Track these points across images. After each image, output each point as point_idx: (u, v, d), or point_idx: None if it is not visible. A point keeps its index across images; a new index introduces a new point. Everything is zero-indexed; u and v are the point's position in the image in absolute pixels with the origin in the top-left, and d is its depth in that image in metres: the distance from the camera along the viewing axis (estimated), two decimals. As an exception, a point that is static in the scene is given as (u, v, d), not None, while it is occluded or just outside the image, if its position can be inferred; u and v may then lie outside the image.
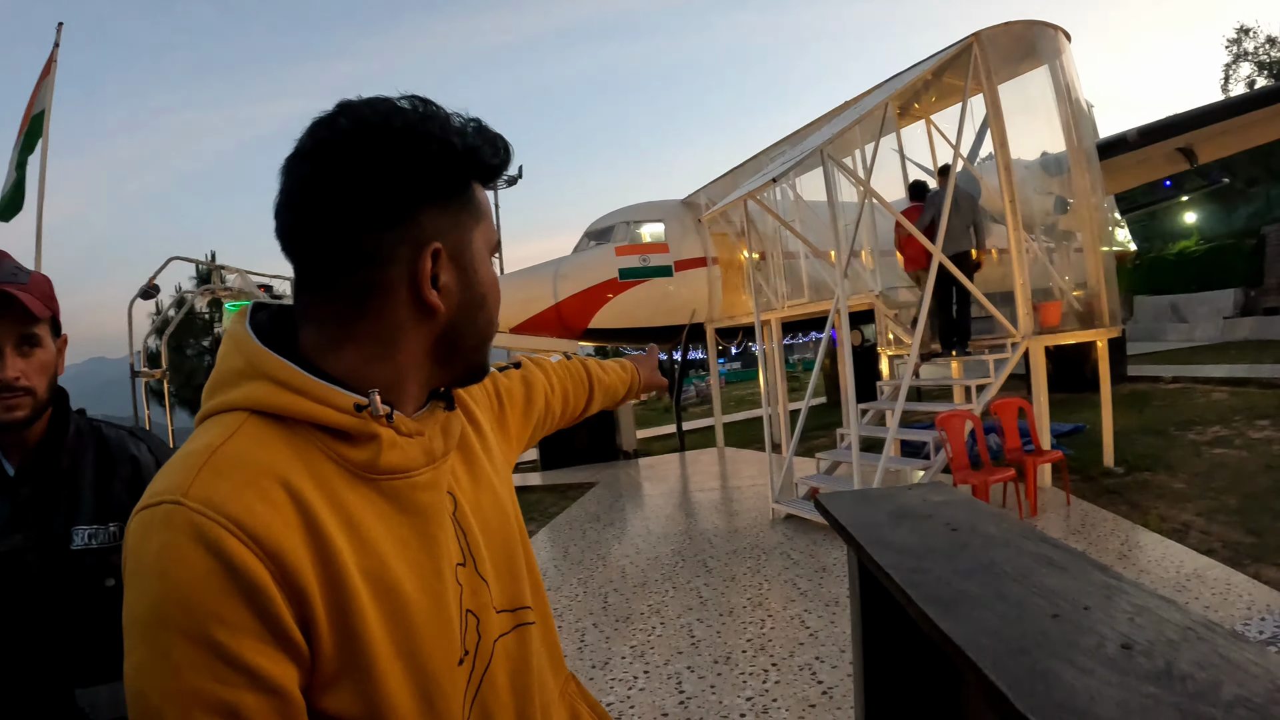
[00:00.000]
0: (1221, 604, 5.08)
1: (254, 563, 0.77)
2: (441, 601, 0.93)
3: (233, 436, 0.85)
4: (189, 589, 0.75)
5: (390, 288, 0.92)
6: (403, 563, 0.90)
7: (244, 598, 0.76)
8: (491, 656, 1.00)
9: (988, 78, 8.65)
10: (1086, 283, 9.60)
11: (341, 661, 0.82)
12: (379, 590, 0.86)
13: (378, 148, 0.89)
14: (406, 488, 0.94)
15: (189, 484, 0.79)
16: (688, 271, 14.58)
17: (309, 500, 0.83)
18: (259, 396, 0.88)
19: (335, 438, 0.89)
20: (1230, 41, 36.72)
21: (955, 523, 1.10)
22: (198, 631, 0.74)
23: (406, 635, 0.87)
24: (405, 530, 0.93)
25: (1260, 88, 26.98)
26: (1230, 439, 9.89)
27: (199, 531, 0.76)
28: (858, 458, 7.81)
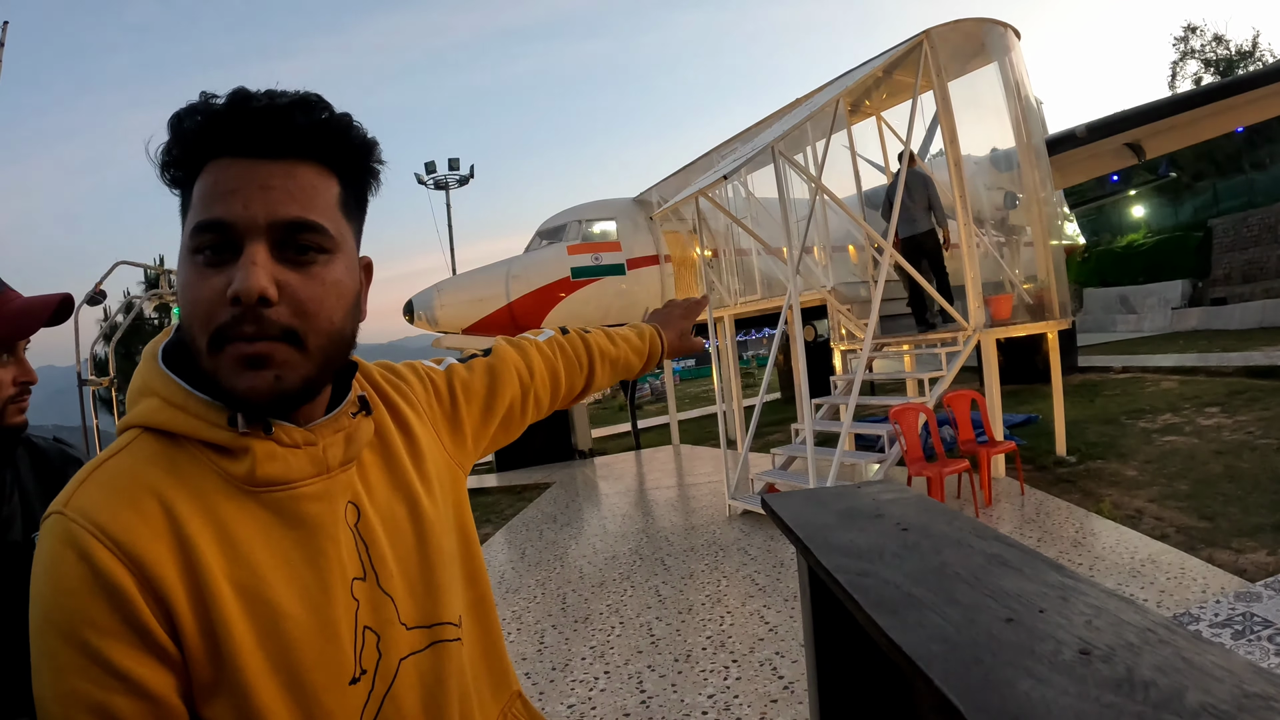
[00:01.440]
0: (1177, 588, 5.13)
1: (118, 568, 0.78)
2: (326, 617, 0.89)
3: (118, 453, 0.87)
4: (64, 594, 0.77)
5: None
6: (281, 576, 0.87)
7: (109, 602, 0.77)
8: (395, 676, 0.95)
9: (938, 75, 8.69)
10: (1036, 276, 9.68)
11: (213, 670, 0.82)
12: (251, 603, 0.84)
13: None
14: (289, 499, 0.91)
15: (70, 496, 0.82)
16: (640, 270, 14.54)
17: (180, 513, 0.83)
18: (148, 414, 0.88)
19: (218, 452, 0.88)
20: (1177, 39, 37.33)
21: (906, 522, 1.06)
22: (72, 634, 0.76)
23: (282, 650, 0.85)
24: (288, 544, 0.89)
25: (1205, 85, 27.42)
26: (1180, 426, 10.03)
27: (72, 538, 0.78)
28: (812, 453, 7.82)
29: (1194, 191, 30.71)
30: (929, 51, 8.67)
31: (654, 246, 14.71)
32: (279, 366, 0.87)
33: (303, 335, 0.88)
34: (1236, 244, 25.62)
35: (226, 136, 0.86)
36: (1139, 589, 5.16)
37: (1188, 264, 26.98)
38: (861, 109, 10.97)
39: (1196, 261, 26.79)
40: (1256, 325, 21.24)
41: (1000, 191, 11.25)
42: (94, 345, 10.23)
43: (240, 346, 0.85)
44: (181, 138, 0.87)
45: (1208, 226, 27.20)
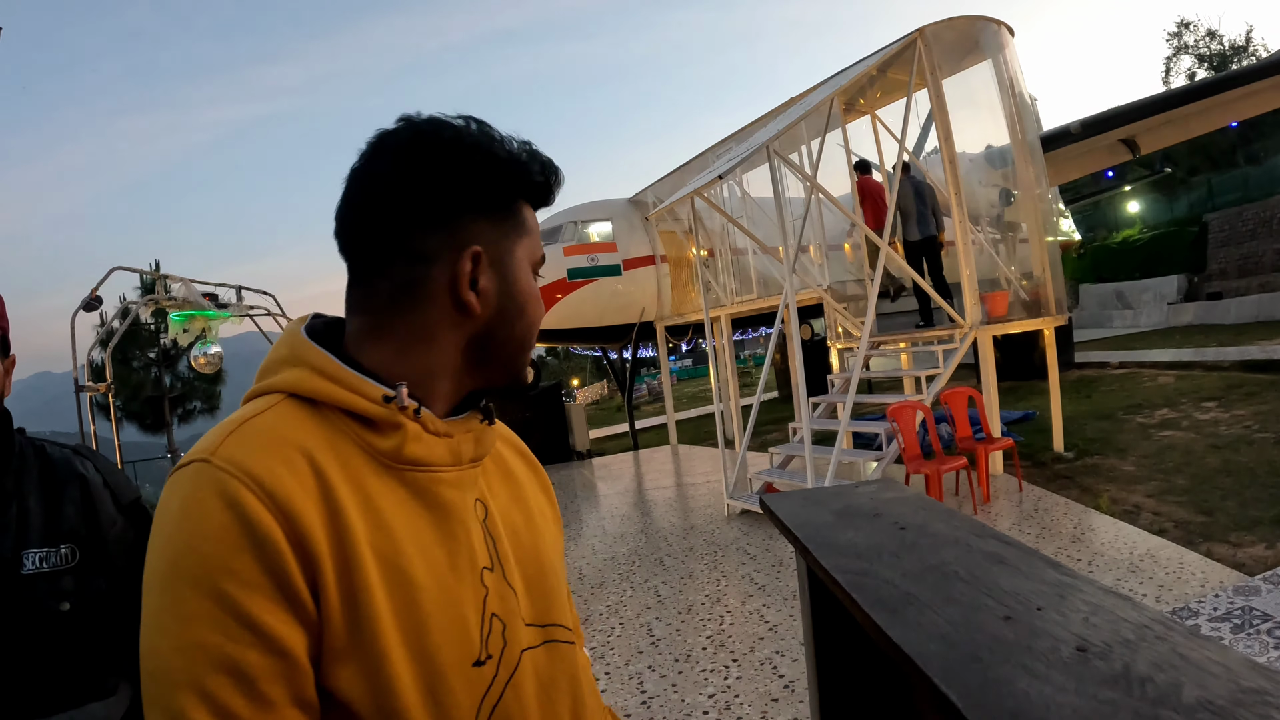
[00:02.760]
0: (1175, 583, 5.15)
1: (268, 519, 0.78)
2: (455, 597, 0.92)
3: (266, 411, 0.88)
4: (204, 540, 0.77)
5: (431, 285, 0.95)
6: (417, 551, 0.90)
7: (256, 553, 0.77)
8: (517, 666, 0.97)
9: (932, 73, 8.70)
10: (1032, 273, 9.69)
11: (349, 634, 0.82)
12: (389, 571, 0.86)
13: (428, 154, 0.94)
14: (429, 481, 0.95)
15: (217, 446, 0.82)
16: (636, 270, 14.57)
17: (330, 474, 0.85)
18: (295, 381, 0.91)
19: (364, 425, 0.92)
20: (1171, 35, 37.36)
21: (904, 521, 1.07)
22: (209, 583, 0.75)
23: (415, 622, 0.87)
24: (424, 522, 0.93)
25: (1199, 80, 27.51)
26: (1177, 421, 10.05)
27: (220, 486, 0.78)
28: (810, 451, 7.82)
29: (1189, 187, 30.77)
30: (923, 49, 8.68)
31: (650, 247, 14.73)
32: None
33: None
34: (1232, 238, 25.69)
35: (548, 195, 1.05)
36: (1138, 584, 5.17)
37: (1183, 259, 27.04)
38: (856, 107, 10.97)
39: (1192, 256, 26.86)
40: (1252, 319, 21.28)
41: (996, 189, 11.26)
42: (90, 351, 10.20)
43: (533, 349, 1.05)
44: (534, 184, 1.02)
45: (1203, 221, 27.27)
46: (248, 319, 10.76)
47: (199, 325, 10.14)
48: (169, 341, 10.01)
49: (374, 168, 0.96)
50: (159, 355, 27.65)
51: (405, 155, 0.94)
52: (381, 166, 0.95)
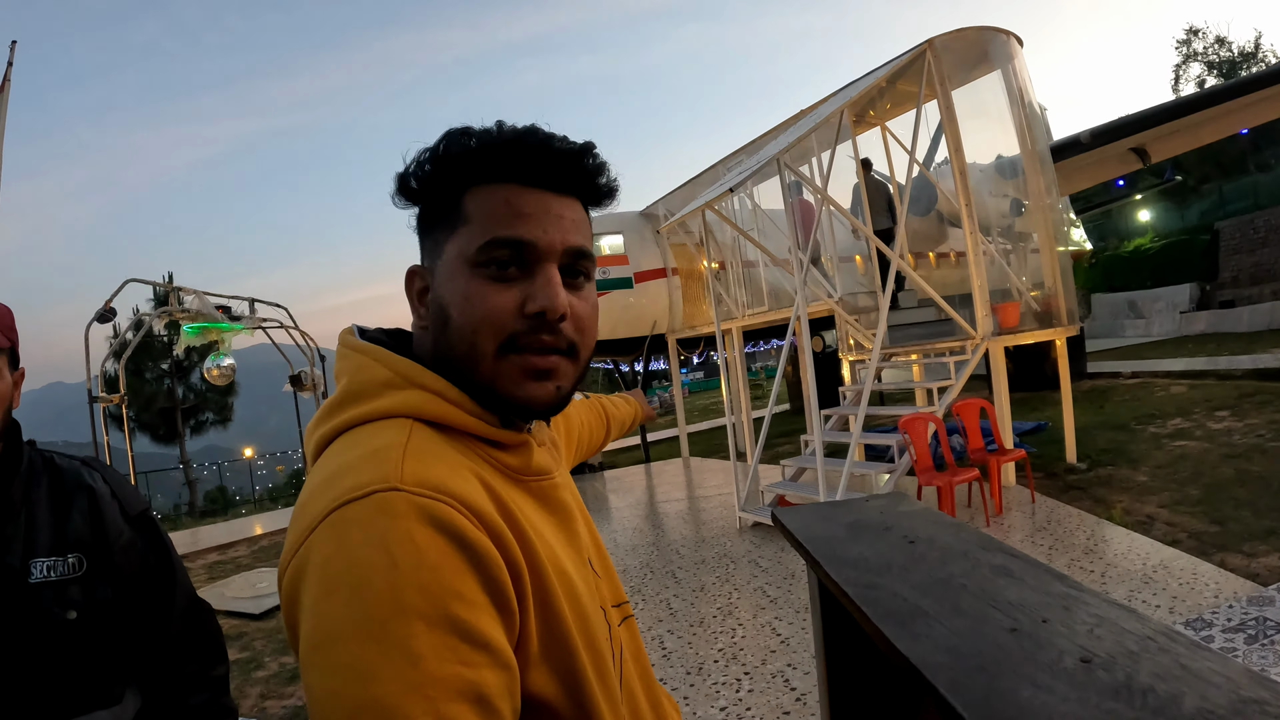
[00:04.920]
0: (1189, 594, 5.13)
1: (483, 538, 0.77)
2: (592, 590, 0.97)
3: (412, 435, 0.86)
4: (426, 571, 0.72)
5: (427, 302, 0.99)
6: (564, 552, 0.94)
7: (478, 573, 0.76)
8: (620, 644, 1.03)
9: (941, 84, 8.70)
10: (1044, 283, 9.67)
11: (544, 638, 0.84)
12: (559, 575, 0.89)
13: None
14: (551, 488, 1.01)
15: (398, 473, 0.78)
16: (648, 283, 14.58)
17: (496, 489, 0.87)
18: (419, 405, 0.90)
19: (488, 444, 0.94)
20: (1180, 42, 37.29)
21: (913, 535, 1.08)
22: (439, 613, 0.71)
23: (581, 618, 0.90)
24: (555, 525, 0.98)
25: (1208, 88, 27.40)
26: (1190, 431, 10.00)
27: (426, 511, 0.75)
28: (822, 464, 7.83)
29: (1200, 194, 30.67)
30: (932, 61, 8.68)
31: (661, 259, 14.74)
32: (560, 378, 0.96)
33: (579, 350, 0.98)
34: (1244, 246, 25.60)
35: (527, 167, 0.94)
36: (1151, 595, 5.15)
37: (1195, 267, 26.96)
38: (866, 119, 10.98)
39: (1204, 264, 26.77)
40: (1265, 327, 21.18)
41: (1007, 199, 11.24)
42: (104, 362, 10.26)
43: (530, 358, 0.93)
44: (469, 157, 0.94)
45: (1214, 229, 27.18)
46: (260, 331, 10.81)
47: (212, 337, 10.19)
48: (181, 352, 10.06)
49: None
50: (172, 367, 27.80)
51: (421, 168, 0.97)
52: None
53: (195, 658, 1.63)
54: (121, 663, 1.49)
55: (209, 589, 9.31)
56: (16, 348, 1.54)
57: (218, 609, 7.96)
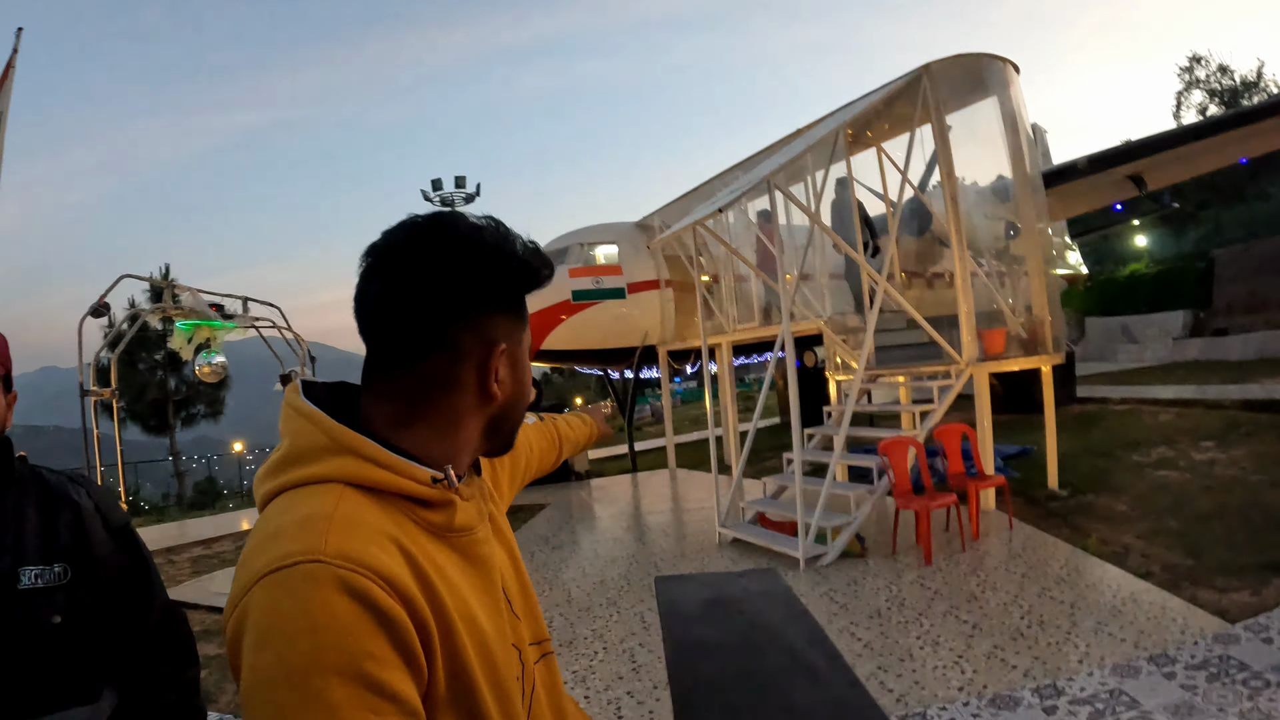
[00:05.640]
0: (1155, 628, 5.13)
1: (393, 604, 0.89)
2: (503, 634, 1.10)
3: (340, 504, 0.96)
4: (342, 633, 0.84)
5: (462, 378, 1.09)
6: (478, 603, 1.06)
7: (388, 635, 0.87)
8: (534, 680, 1.19)
9: (936, 108, 8.75)
10: (1032, 309, 9.69)
11: (450, 686, 0.96)
12: (469, 626, 1.00)
13: (460, 255, 1.07)
14: (471, 543, 1.11)
15: (321, 545, 0.89)
16: (640, 294, 14.67)
17: (413, 553, 0.97)
18: (351, 471, 1.00)
19: (415, 503, 1.04)
20: (1183, 70, 37.38)
21: (758, 620, 1.13)
22: (353, 670, 0.83)
23: (490, 664, 1.03)
24: (474, 577, 1.09)
25: (1203, 119, 27.50)
26: (1174, 460, 10.01)
27: (344, 582, 0.86)
28: (800, 484, 7.85)
29: (1197, 221, 30.80)
30: (928, 85, 8.74)
31: (655, 271, 14.79)
32: None
33: None
34: (1239, 274, 25.68)
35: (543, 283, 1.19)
36: (1118, 628, 5.17)
37: (1190, 294, 27.06)
38: (863, 140, 11.03)
39: (1198, 292, 26.85)
40: (1257, 356, 21.21)
41: (1002, 222, 11.29)
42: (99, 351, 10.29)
43: None
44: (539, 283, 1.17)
45: (1210, 257, 27.29)
46: (252, 329, 10.83)
47: (204, 335, 10.22)
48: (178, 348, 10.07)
49: (410, 266, 1.06)
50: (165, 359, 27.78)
51: (440, 255, 1.06)
52: (418, 265, 1.06)
53: (168, 660, 1.72)
54: (100, 663, 1.57)
55: (193, 583, 9.36)
56: (10, 373, 1.65)
57: (201, 603, 8.00)
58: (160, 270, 28.85)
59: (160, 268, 29.40)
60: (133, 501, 20.96)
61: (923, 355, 9.56)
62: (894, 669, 4.98)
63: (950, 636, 5.38)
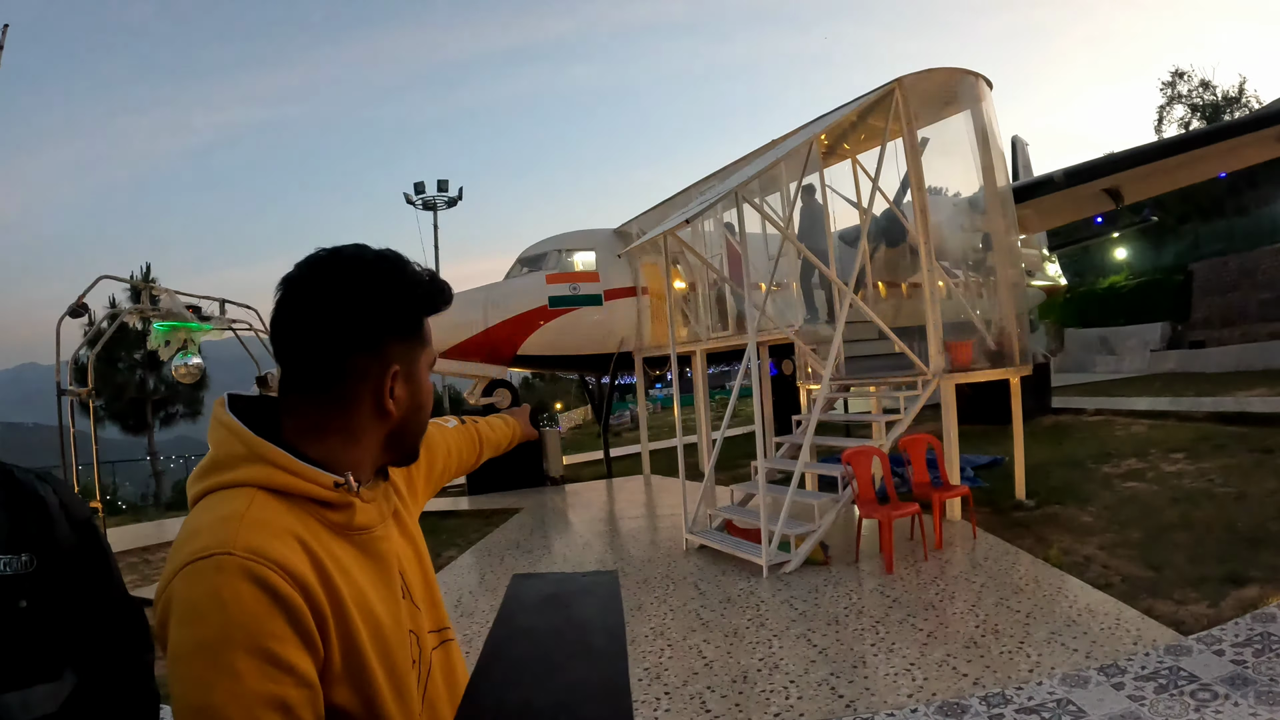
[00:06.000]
0: (1109, 639, 5.16)
1: (291, 591, 1.04)
2: (399, 622, 1.25)
3: (252, 505, 1.12)
4: (247, 615, 1.00)
5: (361, 396, 1.24)
6: (374, 594, 1.21)
7: (286, 617, 1.03)
8: (430, 664, 1.36)
9: (907, 122, 8.82)
10: (1001, 322, 9.72)
11: (345, 663, 1.12)
12: (363, 613, 1.16)
13: (361, 288, 1.22)
14: (371, 540, 1.27)
15: (233, 540, 1.05)
16: (617, 301, 14.73)
17: (314, 548, 1.13)
18: (263, 477, 1.16)
19: (320, 505, 1.19)
20: (1165, 84, 37.51)
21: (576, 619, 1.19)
22: (255, 645, 0.99)
23: (384, 646, 1.19)
24: (372, 571, 1.25)
25: (1177, 135, 27.64)
26: (1143, 472, 10.07)
27: (250, 572, 1.02)
28: (764, 490, 7.92)
29: (1176, 235, 30.93)
30: (900, 98, 8.80)
31: (632, 278, 14.83)
32: None
33: None
34: (1216, 288, 25.86)
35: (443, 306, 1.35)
36: (1071, 638, 5.21)
37: (1168, 306, 27.23)
38: (838, 151, 11.08)
39: (1176, 304, 27.03)
40: (1233, 369, 21.36)
41: (974, 234, 11.35)
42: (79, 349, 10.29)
43: None
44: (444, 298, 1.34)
45: (1188, 270, 27.45)
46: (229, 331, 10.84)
47: (181, 336, 10.23)
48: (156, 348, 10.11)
49: (309, 299, 1.21)
50: (144, 358, 27.64)
51: (335, 289, 1.21)
52: (316, 299, 1.20)
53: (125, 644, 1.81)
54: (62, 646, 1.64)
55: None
56: None
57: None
58: (141, 269, 28.75)
59: (141, 267, 29.28)
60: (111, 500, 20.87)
61: (894, 365, 9.60)
62: (846, 675, 5.04)
63: (905, 644, 5.43)
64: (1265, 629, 5.00)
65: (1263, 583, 5.79)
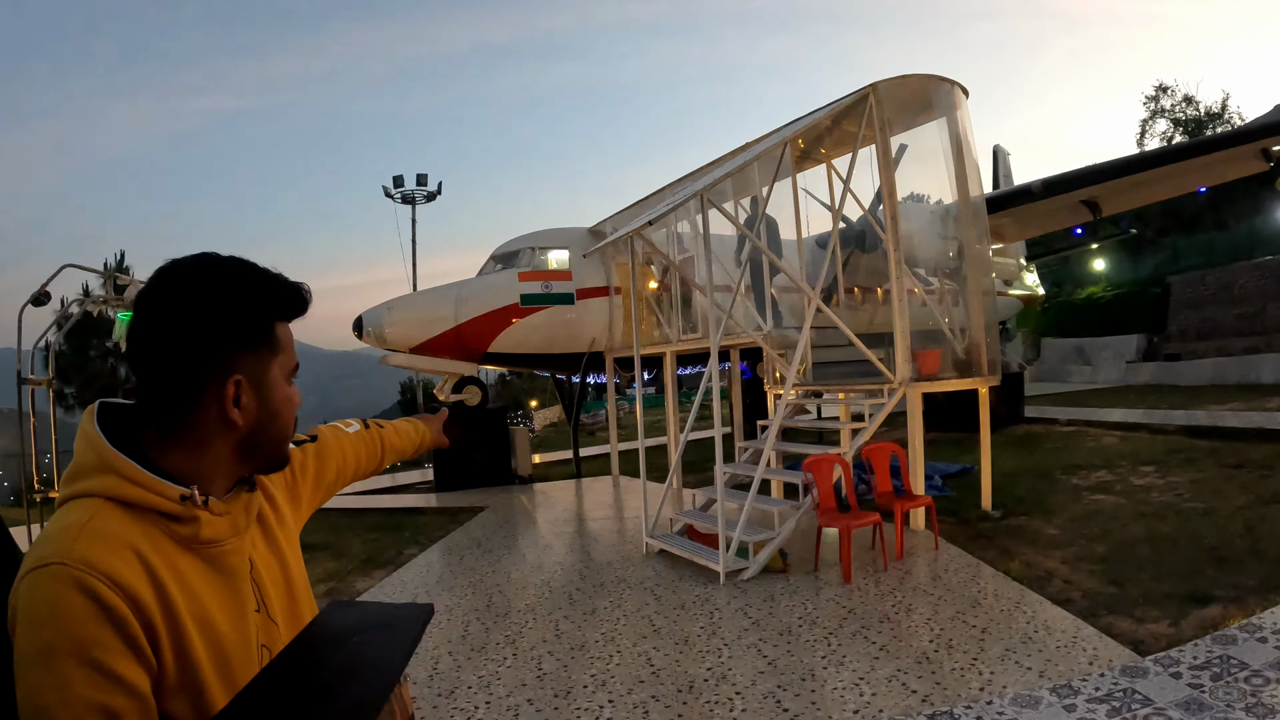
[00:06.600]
0: (1064, 657, 5.05)
1: (119, 603, 1.07)
2: (244, 635, 1.27)
3: (94, 517, 1.15)
4: (74, 624, 1.04)
5: (204, 406, 1.26)
6: (217, 608, 1.23)
7: (114, 627, 1.06)
8: None
9: (881, 128, 8.73)
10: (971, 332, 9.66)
11: (179, 675, 1.14)
12: (202, 627, 1.18)
13: (199, 300, 1.24)
14: (219, 554, 1.28)
15: (68, 551, 1.09)
16: (589, 300, 14.67)
17: (152, 562, 1.15)
18: (110, 488, 1.18)
19: (167, 518, 1.21)
20: (1148, 98, 37.74)
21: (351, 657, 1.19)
22: (83, 654, 1.04)
23: (223, 659, 1.21)
24: (219, 585, 1.26)
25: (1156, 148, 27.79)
26: (1112, 485, 10.05)
27: (80, 582, 1.06)
28: (722, 497, 7.87)
29: (1156, 248, 31.16)
30: (874, 104, 8.72)
31: (604, 278, 14.76)
32: None
33: None
34: (1193, 301, 26.05)
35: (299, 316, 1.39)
36: (1025, 656, 5.10)
37: (1144, 319, 27.44)
38: (814, 156, 11.00)
39: (1153, 317, 27.21)
40: (1208, 383, 21.56)
41: (947, 242, 11.31)
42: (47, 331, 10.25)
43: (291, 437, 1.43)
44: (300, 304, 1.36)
45: (1166, 283, 27.64)
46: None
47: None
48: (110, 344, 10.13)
49: (148, 311, 1.24)
50: (115, 347, 27.43)
51: (173, 301, 1.23)
52: (154, 310, 1.23)
53: None
54: None
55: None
56: None
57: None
58: (115, 257, 28.56)
59: (115, 255, 29.12)
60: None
61: (863, 372, 9.52)
62: (793, 688, 4.94)
63: (856, 657, 5.34)
64: (1225, 651, 4.86)
65: (1225, 602, 5.70)
